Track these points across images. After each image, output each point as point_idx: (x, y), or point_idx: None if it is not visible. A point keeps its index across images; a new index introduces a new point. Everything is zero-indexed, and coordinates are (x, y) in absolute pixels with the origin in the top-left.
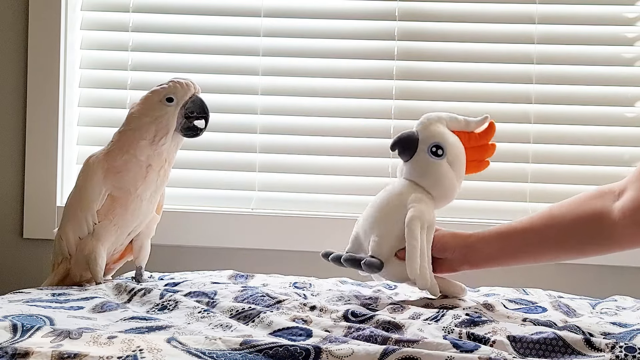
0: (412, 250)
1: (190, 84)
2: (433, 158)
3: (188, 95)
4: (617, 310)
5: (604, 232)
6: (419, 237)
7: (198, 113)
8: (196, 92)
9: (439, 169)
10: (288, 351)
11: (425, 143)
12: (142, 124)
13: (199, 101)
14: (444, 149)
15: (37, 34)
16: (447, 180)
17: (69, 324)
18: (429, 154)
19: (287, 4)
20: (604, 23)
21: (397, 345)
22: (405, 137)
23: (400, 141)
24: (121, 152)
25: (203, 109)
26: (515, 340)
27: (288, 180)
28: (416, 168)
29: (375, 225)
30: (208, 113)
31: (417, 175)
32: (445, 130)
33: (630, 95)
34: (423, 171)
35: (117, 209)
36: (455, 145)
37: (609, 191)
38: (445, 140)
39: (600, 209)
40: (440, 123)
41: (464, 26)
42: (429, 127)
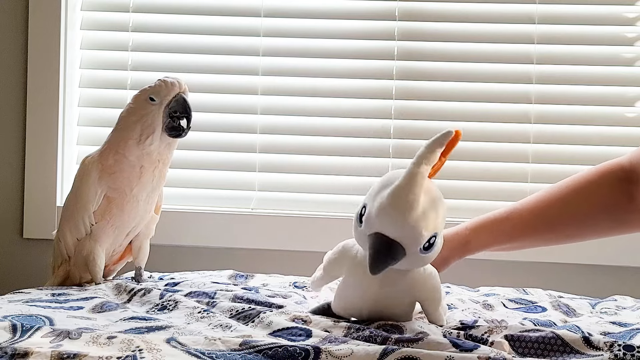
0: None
1: (176, 83)
2: (427, 252)
3: (172, 94)
4: (617, 310)
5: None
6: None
7: (180, 112)
8: (182, 92)
9: (435, 251)
10: (287, 351)
11: (415, 247)
12: (129, 123)
13: (182, 100)
14: (436, 235)
15: (37, 34)
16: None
17: (69, 324)
18: (422, 253)
19: (287, 4)
20: (604, 23)
21: (396, 345)
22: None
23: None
24: (112, 153)
25: (185, 108)
26: (513, 339)
27: (288, 180)
28: (409, 264)
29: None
30: (190, 112)
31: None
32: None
33: (630, 95)
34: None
35: (113, 210)
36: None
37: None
38: (434, 225)
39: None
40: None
41: (464, 26)
42: (413, 228)
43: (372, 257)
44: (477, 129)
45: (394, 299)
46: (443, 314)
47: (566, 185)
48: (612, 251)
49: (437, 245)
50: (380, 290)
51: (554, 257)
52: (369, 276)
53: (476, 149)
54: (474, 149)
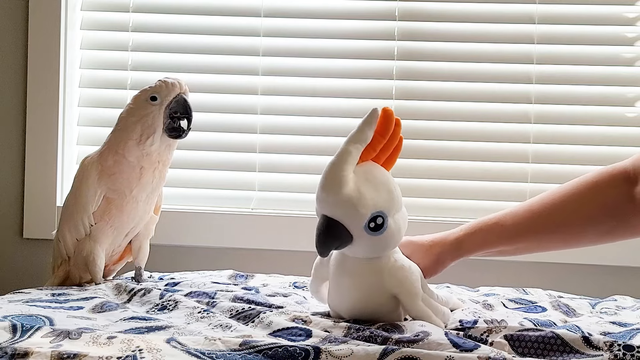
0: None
1: (176, 83)
2: (377, 233)
3: (172, 94)
4: (617, 310)
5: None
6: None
7: (181, 113)
8: (182, 92)
9: (390, 234)
10: (287, 352)
11: (357, 226)
12: (129, 123)
13: (182, 101)
14: (382, 215)
15: (37, 34)
16: (402, 228)
17: (69, 324)
18: (370, 234)
19: (287, 4)
20: (604, 23)
21: (397, 345)
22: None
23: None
24: (112, 153)
25: (186, 109)
26: (513, 339)
27: (288, 180)
28: (364, 248)
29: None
30: (191, 113)
31: (372, 252)
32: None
33: (630, 95)
34: (375, 248)
35: (112, 211)
36: (384, 191)
37: (622, 174)
38: (374, 202)
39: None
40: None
41: (464, 26)
42: (346, 204)
43: (316, 238)
44: (477, 129)
45: (369, 294)
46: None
47: (566, 188)
48: (612, 251)
49: (390, 228)
50: (353, 284)
51: (554, 257)
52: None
53: (476, 149)
54: (474, 149)
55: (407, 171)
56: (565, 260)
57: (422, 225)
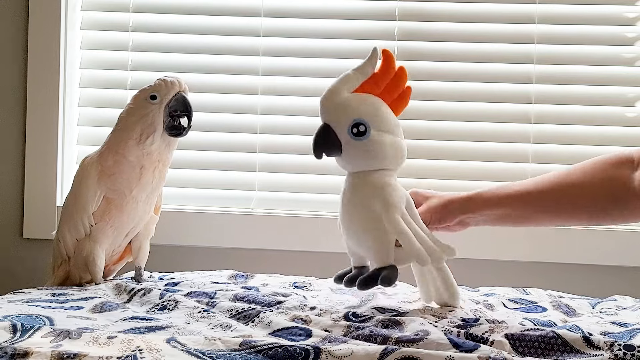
0: (409, 245)
1: (176, 82)
2: (360, 139)
3: (172, 93)
4: (617, 310)
5: (620, 202)
6: (406, 229)
7: (181, 111)
8: (182, 91)
9: (374, 144)
10: (287, 352)
11: (343, 129)
12: (129, 123)
13: (182, 99)
14: (364, 122)
15: (37, 34)
16: (389, 147)
17: (69, 324)
18: (353, 138)
19: (287, 4)
20: (604, 23)
21: (397, 345)
22: (320, 136)
23: (319, 143)
24: (112, 153)
25: (186, 106)
26: (513, 338)
27: (288, 180)
28: (352, 158)
29: (359, 240)
30: (191, 111)
31: (359, 163)
32: (349, 101)
33: (630, 95)
34: (361, 156)
35: (112, 211)
36: (370, 107)
37: (626, 159)
38: (358, 111)
39: (617, 178)
40: (339, 95)
41: (464, 26)
42: (334, 109)
43: (313, 140)
44: (477, 129)
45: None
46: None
47: (576, 165)
48: (612, 251)
49: (374, 138)
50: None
51: (554, 257)
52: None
53: (476, 149)
54: (474, 149)
55: (407, 171)
56: (565, 260)
57: None
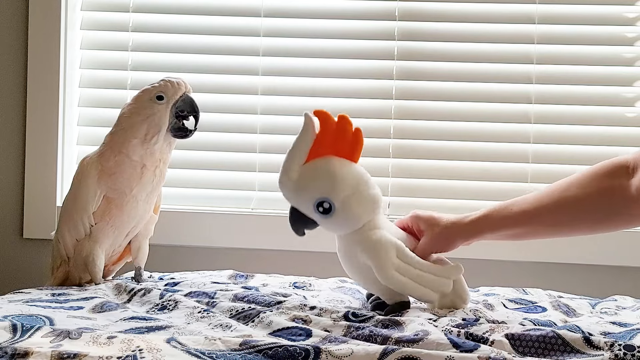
0: (413, 292)
1: (182, 83)
2: (328, 216)
3: (179, 94)
4: (617, 310)
5: (620, 209)
6: (403, 280)
7: (188, 112)
8: (187, 92)
9: (345, 214)
10: (287, 351)
11: (310, 211)
12: (133, 123)
13: (189, 100)
14: (326, 199)
15: (37, 34)
16: (359, 210)
17: (69, 324)
18: (322, 216)
19: (287, 4)
20: (604, 23)
21: (397, 345)
22: (292, 220)
23: (295, 226)
24: (114, 153)
25: (193, 107)
26: (514, 338)
27: None
28: (331, 229)
29: (366, 286)
30: (198, 112)
31: (340, 231)
32: (305, 180)
33: (630, 95)
34: (337, 227)
35: (113, 211)
36: (325, 178)
37: (621, 166)
38: (315, 189)
39: (614, 186)
40: (292, 174)
41: (464, 26)
42: (293, 194)
43: (289, 222)
44: (477, 129)
45: (353, 264)
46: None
47: (573, 175)
48: (612, 251)
49: (339, 210)
50: (342, 256)
51: (554, 257)
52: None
53: (476, 149)
54: (474, 149)
55: (408, 171)
56: (565, 260)
57: None
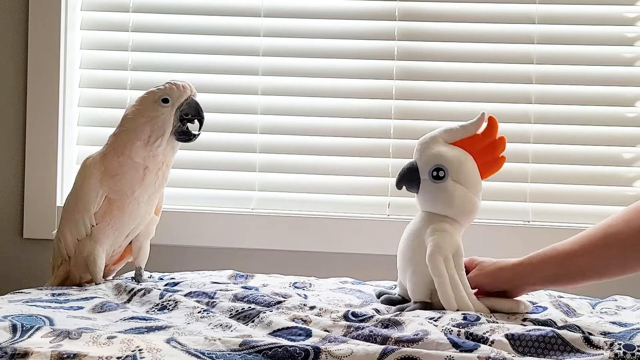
0: (441, 287)
1: (187, 86)
2: (436, 182)
3: (184, 97)
4: (617, 310)
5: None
6: (444, 272)
7: (193, 115)
8: (192, 95)
9: (446, 191)
10: (287, 352)
11: (425, 170)
12: (137, 124)
13: (194, 103)
14: (445, 169)
15: (37, 34)
16: (458, 199)
17: (69, 324)
18: (431, 180)
19: (287, 4)
20: (604, 23)
21: (396, 344)
22: (405, 170)
23: (402, 176)
24: (116, 154)
25: (198, 111)
26: (514, 338)
27: (288, 180)
28: (426, 197)
29: (406, 269)
30: (203, 116)
31: (429, 204)
32: (441, 149)
33: (630, 95)
34: (432, 198)
35: (114, 212)
36: (456, 159)
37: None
38: (444, 159)
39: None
40: (436, 142)
41: (464, 26)
42: (425, 151)
43: (398, 173)
44: None
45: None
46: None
47: (616, 215)
48: None
49: (449, 185)
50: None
51: None
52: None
53: None
54: None
55: None
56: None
57: None
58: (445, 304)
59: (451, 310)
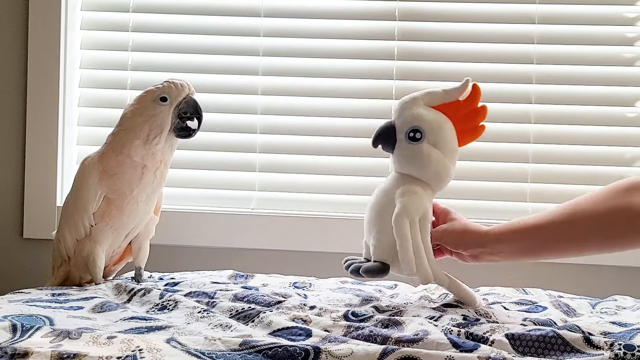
0: (402, 249)
1: (185, 84)
2: (412, 143)
3: (182, 95)
4: (617, 310)
5: (631, 228)
6: (407, 235)
7: (191, 114)
8: (190, 93)
9: (421, 153)
10: (287, 352)
11: (402, 130)
12: (135, 123)
13: (193, 102)
14: (422, 131)
15: (37, 34)
16: (433, 162)
17: (69, 324)
18: (407, 141)
19: (287, 4)
20: (604, 23)
21: (396, 344)
22: (382, 129)
23: (379, 135)
24: (115, 154)
25: (196, 109)
26: (514, 338)
27: (288, 180)
28: (400, 158)
29: (371, 228)
30: (201, 114)
31: (403, 165)
32: (421, 111)
33: (630, 95)
34: (407, 159)
35: (113, 211)
36: (434, 123)
37: (636, 185)
38: (422, 120)
39: (627, 204)
40: (416, 104)
41: (464, 26)
42: (404, 112)
43: (375, 131)
44: None
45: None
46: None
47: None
48: None
49: (425, 147)
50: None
51: None
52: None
53: (476, 149)
54: (474, 149)
55: None
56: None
57: None
58: (405, 267)
59: (410, 274)
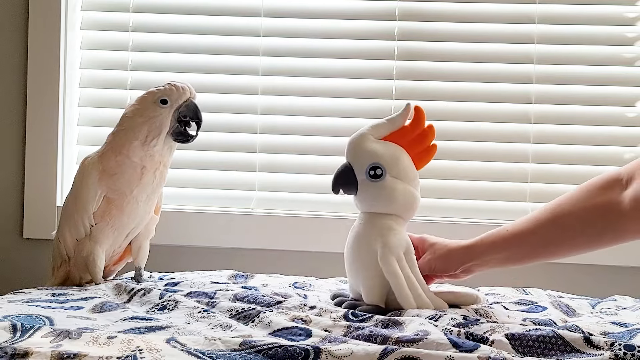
0: (397, 287)
1: (187, 88)
2: (375, 181)
3: (183, 99)
4: (617, 310)
5: (614, 224)
6: (399, 272)
7: (191, 118)
8: (191, 97)
9: (385, 189)
10: (287, 351)
11: (361, 170)
12: (135, 124)
13: (193, 106)
14: (381, 167)
15: (37, 34)
16: (400, 194)
17: (69, 324)
18: (369, 179)
19: (287, 4)
20: (604, 23)
21: (396, 345)
22: (340, 173)
23: (337, 179)
24: (114, 154)
25: (196, 114)
26: (514, 338)
27: (288, 180)
28: (365, 197)
29: (356, 275)
30: (201, 119)
31: (370, 204)
32: (374, 146)
33: (630, 95)
34: (373, 197)
35: (113, 211)
36: (391, 155)
37: (614, 179)
38: (378, 156)
39: (607, 201)
40: (366, 140)
41: (464, 26)
42: (357, 151)
43: (333, 177)
44: (477, 129)
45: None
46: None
47: (568, 193)
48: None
49: (388, 182)
50: (352, 235)
51: None
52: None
53: (476, 149)
54: (474, 149)
55: None
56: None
57: (422, 225)
58: (404, 304)
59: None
